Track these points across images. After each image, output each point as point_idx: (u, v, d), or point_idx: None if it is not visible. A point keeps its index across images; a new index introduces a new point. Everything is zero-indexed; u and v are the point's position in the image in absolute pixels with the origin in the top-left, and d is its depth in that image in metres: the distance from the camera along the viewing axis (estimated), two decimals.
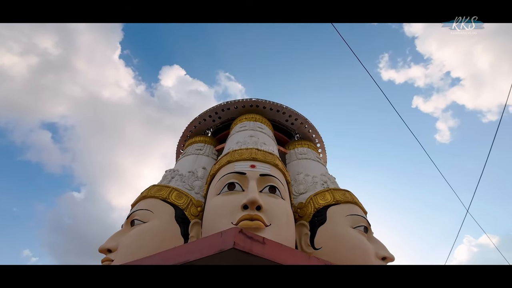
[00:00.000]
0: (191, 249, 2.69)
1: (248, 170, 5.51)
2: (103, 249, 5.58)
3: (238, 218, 4.59)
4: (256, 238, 2.48)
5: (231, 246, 2.38)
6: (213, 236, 2.71)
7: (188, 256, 2.60)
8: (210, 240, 2.67)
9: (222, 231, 2.64)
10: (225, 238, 2.50)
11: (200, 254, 2.54)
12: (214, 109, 9.65)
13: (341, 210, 6.43)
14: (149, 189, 6.74)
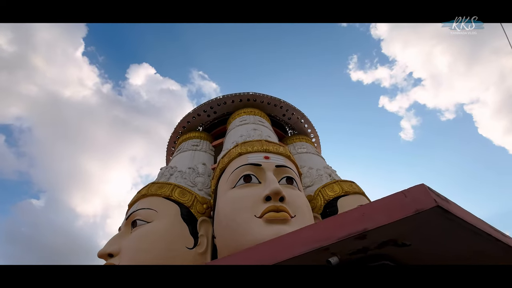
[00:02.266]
0: (367, 211, 2.12)
1: (263, 161, 5.24)
2: (103, 254, 4.94)
3: (262, 210, 4.32)
4: (443, 197, 2.05)
5: (434, 204, 1.85)
6: (394, 196, 2.15)
7: (366, 222, 2.02)
8: (388, 201, 2.13)
9: (404, 190, 2.15)
10: (415, 197, 1.97)
11: (386, 218, 1.98)
12: (209, 103, 9.21)
13: (351, 201, 6.42)
14: (148, 187, 6.16)
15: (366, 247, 2.11)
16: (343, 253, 2.10)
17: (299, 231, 2.24)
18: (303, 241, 2.01)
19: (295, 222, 4.32)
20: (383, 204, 2.08)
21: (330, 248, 1.98)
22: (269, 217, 4.20)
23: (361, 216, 1.99)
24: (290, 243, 2.10)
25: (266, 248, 2.27)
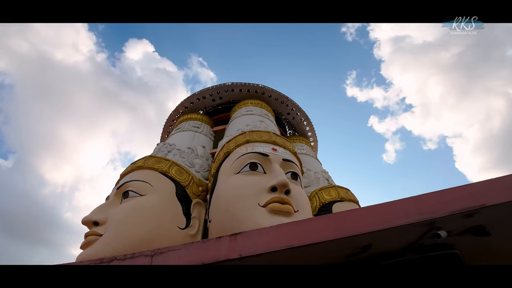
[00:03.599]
0: (476, 190, 1.99)
1: (271, 152, 5.13)
2: (88, 221, 4.64)
3: (267, 199, 4.20)
4: None
5: None
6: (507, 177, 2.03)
7: (481, 199, 1.90)
8: (502, 182, 2.00)
9: None
10: None
11: (505, 196, 1.88)
12: (216, 88, 8.98)
13: (345, 207, 6.44)
14: (145, 159, 5.88)
15: (450, 231, 2.02)
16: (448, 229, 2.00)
17: (399, 202, 2.11)
18: (405, 213, 1.91)
19: (297, 217, 4.24)
20: (501, 183, 1.98)
21: (436, 222, 1.90)
22: (274, 207, 4.09)
23: (468, 194, 1.91)
24: (390, 212, 1.99)
25: (362, 215, 2.12)
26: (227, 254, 2.15)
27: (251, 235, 2.28)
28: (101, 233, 4.46)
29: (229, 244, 2.23)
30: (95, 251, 4.22)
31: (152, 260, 2.17)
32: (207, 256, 2.12)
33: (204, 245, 2.26)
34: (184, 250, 2.27)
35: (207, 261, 2.10)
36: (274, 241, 2.11)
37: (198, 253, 2.14)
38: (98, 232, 4.46)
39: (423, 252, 2.06)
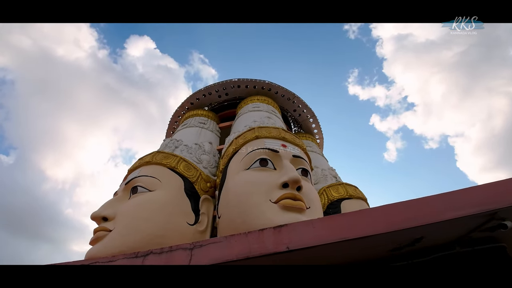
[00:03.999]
0: None
1: (281, 148, 5.07)
2: (97, 217, 4.60)
3: (279, 196, 4.15)
4: None
5: None
6: None
7: None
8: None
9: None
10: None
11: None
12: (223, 84, 8.91)
13: (354, 204, 6.40)
14: (153, 155, 5.84)
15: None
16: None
17: (457, 192, 2.04)
18: (467, 203, 1.85)
19: (309, 214, 4.19)
20: None
21: (498, 213, 1.84)
22: (286, 203, 4.04)
23: None
24: (448, 203, 1.94)
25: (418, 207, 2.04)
26: (274, 247, 2.08)
27: (297, 227, 2.21)
28: (110, 229, 4.43)
29: (274, 237, 2.17)
30: (105, 246, 4.19)
31: (192, 253, 2.12)
32: (251, 249, 2.05)
33: (247, 238, 2.20)
34: (225, 242, 2.21)
35: (252, 254, 2.04)
36: (324, 234, 2.04)
37: (241, 246, 2.08)
38: (107, 228, 4.43)
39: (471, 245, 2.00)
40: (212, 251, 2.13)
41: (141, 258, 2.08)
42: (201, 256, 2.07)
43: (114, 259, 2.16)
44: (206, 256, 2.08)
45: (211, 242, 2.24)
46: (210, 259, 2.01)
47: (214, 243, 2.23)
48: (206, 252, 2.12)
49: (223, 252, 2.10)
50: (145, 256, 2.12)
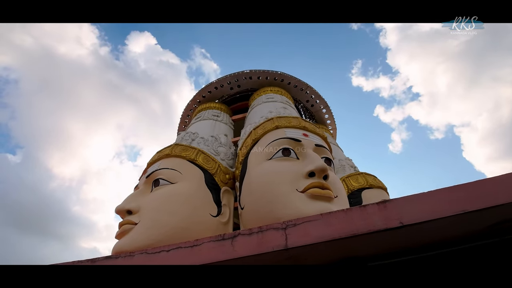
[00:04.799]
0: None
1: (303, 138, 4.97)
2: (121, 210, 4.59)
3: (306, 185, 4.07)
4: None
5: None
6: None
7: None
8: None
9: None
10: None
11: None
12: (235, 76, 8.79)
13: (375, 194, 6.30)
14: (172, 148, 5.80)
15: None
16: None
17: None
18: None
19: (337, 203, 4.12)
20: None
21: None
22: (314, 192, 3.96)
23: None
24: None
25: None
26: (384, 223, 1.98)
27: (407, 202, 2.09)
28: (135, 222, 4.41)
29: (381, 213, 2.06)
30: (132, 240, 4.18)
31: (286, 232, 2.05)
32: (357, 226, 1.95)
33: (347, 215, 2.10)
34: (323, 220, 2.12)
35: (359, 231, 1.94)
36: (442, 207, 1.92)
37: (343, 224, 2.01)
38: (132, 221, 4.41)
39: None
40: (309, 229, 2.05)
41: (229, 240, 2.01)
42: (298, 235, 1.99)
43: (198, 242, 2.08)
44: (304, 234, 2.00)
45: (305, 220, 2.16)
46: (311, 237, 1.93)
47: (309, 221, 2.13)
48: (303, 231, 2.04)
49: (323, 230, 2.01)
50: (234, 238, 2.05)
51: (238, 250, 1.97)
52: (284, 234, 2.01)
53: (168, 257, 1.92)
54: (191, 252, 1.94)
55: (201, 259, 1.87)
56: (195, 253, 1.92)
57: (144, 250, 2.05)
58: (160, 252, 1.95)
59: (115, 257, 2.23)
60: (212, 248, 1.98)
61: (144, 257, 1.94)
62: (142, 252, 2.01)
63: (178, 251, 1.94)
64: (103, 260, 2.32)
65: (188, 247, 2.03)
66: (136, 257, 1.98)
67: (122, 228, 4.37)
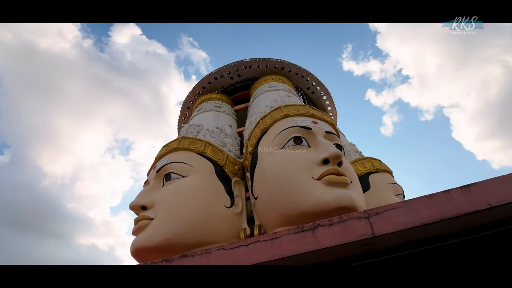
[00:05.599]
0: None
1: (313, 125, 4.97)
2: (136, 206, 4.54)
3: (321, 172, 4.09)
4: None
5: None
6: None
7: None
8: None
9: None
10: None
11: None
12: (234, 65, 8.62)
13: (382, 178, 6.41)
14: (179, 141, 5.72)
15: None
16: None
17: None
18: None
19: (352, 188, 4.17)
20: None
21: None
22: (330, 179, 4.00)
23: None
24: None
25: None
26: (471, 205, 1.99)
27: (491, 184, 2.09)
28: (151, 217, 4.39)
29: (466, 196, 2.06)
30: (151, 235, 4.17)
31: (370, 221, 2.04)
32: (444, 211, 1.94)
33: (432, 200, 2.09)
34: (407, 207, 2.10)
35: (447, 215, 1.93)
36: None
37: (429, 209, 2.01)
38: (148, 216, 4.39)
39: None
40: (393, 217, 2.04)
41: (310, 232, 2.00)
42: (383, 223, 1.99)
43: (277, 235, 2.05)
44: (389, 222, 1.99)
45: (388, 208, 2.16)
46: (396, 224, 1.94)
47: (392, 209, 2.12)
48: (388, 219, 2.03)
49: (408, 216, 2.01)
50: (314, 229, 2.03)
51: (321, 241, 1.95)
52: (369, 223, 2.01)
53: (248, 251, 1.91)
54: (271, 245, 1.93)
55: (282, 252, 1.86)
56: (275, 246, 1.90)
57: (221, 246, 2.01)
58: (239, 247, 1.93)
59: (191, 256, 2.17)
60: (293, 240, 1.96)
61: (223, 253, 1.92)
62: (219, 248, 1.98)
63: (257, 245, 1.92)
64: (179, 259, 2.26)
65: (267, 241, 2.00)
66: (213, 253, 1.96)
67: (139, 224, 4.35)
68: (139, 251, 4.13)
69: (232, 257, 1.87)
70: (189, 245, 4.26)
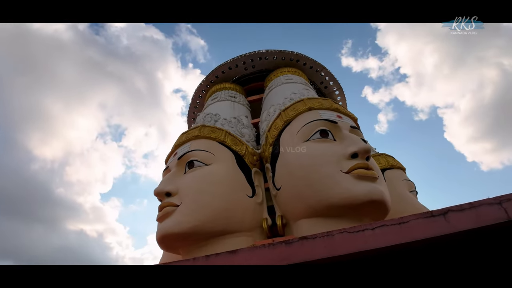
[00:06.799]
0: None
1: (338, 120, 4.97)
2: (160, 192, 4.51)
3: (350, 166, 4.12)
4: None
5: None
6: None
7: None
8: None
9: None
10: None
11: None
12: (249, 56, 8.50)
13: (396, 174, 6.50)
14: (200, 129, 5.66)
15: None
16: None
17: None
18: None
19: (380, 182, 4.22)
20: None
21: None
22: (360, 173, 4.04)
23: None
24: None
25: None
26: None
27: None
28: (177, 204, 4.36)
29: None
30: (178, 222, 4.15)
31: (503, 206, 2.02)
32: None
33: None
34: None
35: None
36: None
37: None
38: (174, 203, 4.36)
39: None
40: None
41: (441, 217, 1.98)
42: None
43: (404, 220, 2.01)
44: None
45: None
46: None
47: None
48: None
49: None
50: (445, 214, 2.01)
51: (455, 225, 1.95)
52: (502, 208, 2.01)
53: (374, 235, 1.90)
54: (400, 229, 1.93)
55: (412, 235, 1.86)
56: (403, 230, 1.90)
57: (344, 229, 1.99)
58: (364, 231, 1.92)
59: (312, 238, 2.07)
60: (422, 224, 1.96)
61: (346, 236, 1.90)
62: (342, 231, 1.96)
63: (384, 229, 1.92)
64: (300, 241, 2.13)
65: (394, 225, 1.99)
66: (336, 236, 1.93)
67: (164, 210, 4.32)
68: (166, 238, 4.12)
69: (359, 240, 1.87)
70: (215, 232, 4.27)
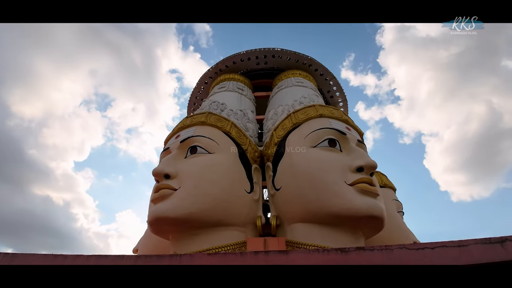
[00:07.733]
0: None
1: (347, 131, 5.00)
2: (159, 173, 4.34)
3: (355, 179, 4.15)
4: None
5: None
6: None
7: None
8: None
9: None
10: None
11: None
12: (263, 51, 8.40)
13: (387, 193, 6.65)
14: (206, 115, 5.51)
15: None
16: None
17: None
18: None
19: (380, 200, 4.28)
20: None
21: None
22: (364, 188, 4.07)
23: None
24: None
25: None
26: None
27: None
28: (175, 187, 4.22)
29: None
30: (175, 205, 4.02)
31: None
32: None
33: None
34: None
35: None
36: None
37: None
38: (172, 186, 4.22)
39: None
40: None
41: (498, 244, 1.94)
42: None
43: (463, 243, 1.93)
44: None
45: None
46: None
47: None
48: None
49: None
50: (503, 242, 1.97)
51: None
52: None
53: (433, 255, 1.86)
54: (459, 251, 1.89)
55: (471, 259, 1.83)
56: (462, 253, 1.87)
57: (403, 245, 1.93)
58: (424, 249, 1.87)
59: (370, 250, 1.98)
60: (482, 249, 1.93)
61: (406, 252, 1.84)
62: (401, 247, 1.90)
63: (443, 250, 1.87)
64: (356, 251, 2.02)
65: (454, 247, 1.95)
66: (395, 251, 1.87)
67: (161, 192, 4.17)
68: (160, 221, 3.98)
69: (418, 257, 1.83)
70: (210, 222, 4.18)
